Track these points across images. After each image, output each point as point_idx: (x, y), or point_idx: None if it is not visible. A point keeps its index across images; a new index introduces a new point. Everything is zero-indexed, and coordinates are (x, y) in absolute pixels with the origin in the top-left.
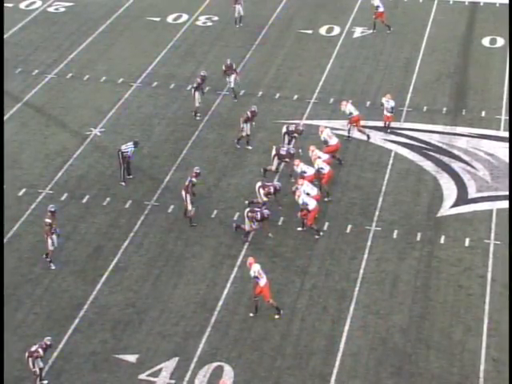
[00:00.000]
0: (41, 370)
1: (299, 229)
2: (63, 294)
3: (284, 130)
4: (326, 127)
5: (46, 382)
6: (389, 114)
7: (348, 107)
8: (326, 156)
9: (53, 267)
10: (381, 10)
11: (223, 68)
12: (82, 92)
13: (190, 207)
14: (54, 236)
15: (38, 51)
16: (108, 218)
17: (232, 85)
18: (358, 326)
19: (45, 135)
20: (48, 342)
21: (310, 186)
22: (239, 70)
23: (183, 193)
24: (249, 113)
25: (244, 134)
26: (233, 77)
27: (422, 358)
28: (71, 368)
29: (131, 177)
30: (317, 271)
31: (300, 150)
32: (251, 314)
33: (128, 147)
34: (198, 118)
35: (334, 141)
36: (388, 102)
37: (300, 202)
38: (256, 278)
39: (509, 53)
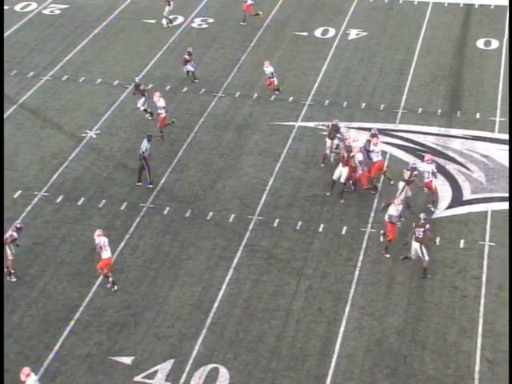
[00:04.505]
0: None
1: (328, 194)
2: (59, 296)
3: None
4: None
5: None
6: (271, 79)
7: (269, 68)
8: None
9: (14, 279)
10: (249, 2)
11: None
12: (78, 94)
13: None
14: (13, 246)
15: (34, 53)
16: (103, 220)
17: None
18: (354, 328)
19: (40, 137)
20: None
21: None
22: (233, 74)
23: (418, 245)
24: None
25: (328, 151)
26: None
27: (417, 360)
28: (67, 370)
29: (141, 184)
30: (312, 273)
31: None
32: (109, 286)
33: (144, 146)
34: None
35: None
36: (267, 68)
37: (360, 158)
38: (100, 247)
39: (509, 55)
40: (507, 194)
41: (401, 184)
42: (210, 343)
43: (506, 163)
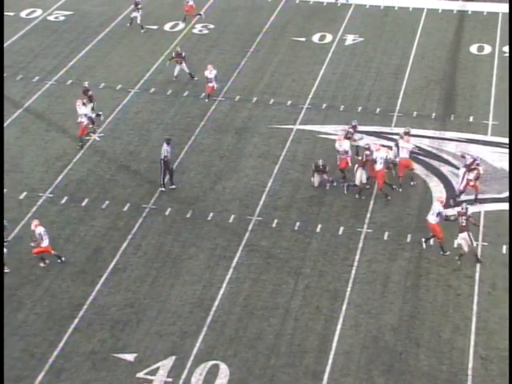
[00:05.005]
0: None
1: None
2: (63, 295)
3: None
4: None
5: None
6: (210, 85)
7: (214, 72)
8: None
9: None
10: (190, 3)
11: None
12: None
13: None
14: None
15: (39, 58)
16: (107, 221)
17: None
18: (350, 326)
19: (45, 140)
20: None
21: (384, 157)
22: (234, 77)
23: (465, 234)
24: (351, 130)
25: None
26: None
27: (412, 356)
28: (71, 367)
29: (174, 187)
30: (310, 272)
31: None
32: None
33: (164, 150)
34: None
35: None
36: (210, 73)
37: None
38: (41, 237)
39: (509, 59)
40: (499, 195)
41: (461, 171)
42: (211, 340)
43: (498, 165)
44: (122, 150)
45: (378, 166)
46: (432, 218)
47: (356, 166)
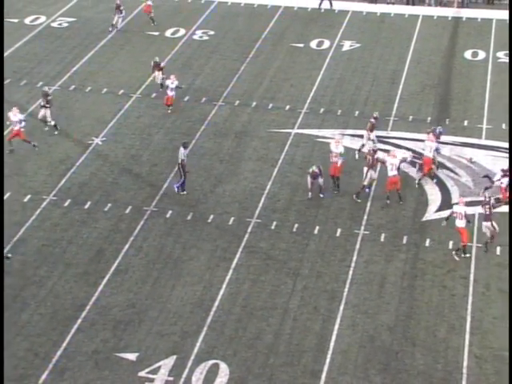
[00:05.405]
0: None
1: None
2: (66, 296)
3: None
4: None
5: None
6: (170, 94)
7: (176, 82)
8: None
9: None
10: (149, 3)
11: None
12: (85, 103)
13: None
14: None
15: (42, 64)
16: (109, 223)
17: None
18: (348, 325)
19: (49, 144)
20: None
21: (395, 164)
22: (233, 83)
23: (489, 223)
24: (373, 120)
25: (364, 141)
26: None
27: (408, 355)
28: (74, 366)
29: (185, 193)
30: (308, 273)
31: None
32: None
33: (181, 154)
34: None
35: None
36: (172, 83)
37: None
38: None
39: (509, 64)
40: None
41: (499, 173)
42: (211, 340)
43: (492, 168)
44: (124, 153)
45: (390, 173)
46: (461, 222)
47: (365, 169)
